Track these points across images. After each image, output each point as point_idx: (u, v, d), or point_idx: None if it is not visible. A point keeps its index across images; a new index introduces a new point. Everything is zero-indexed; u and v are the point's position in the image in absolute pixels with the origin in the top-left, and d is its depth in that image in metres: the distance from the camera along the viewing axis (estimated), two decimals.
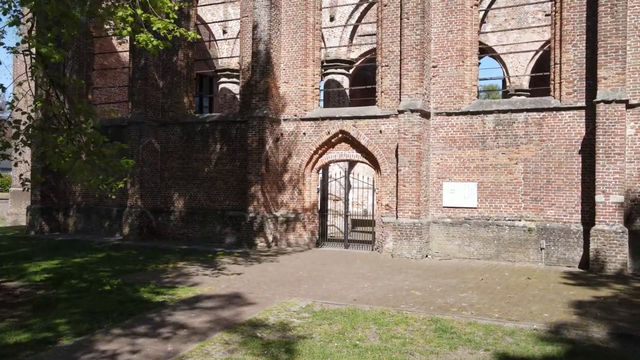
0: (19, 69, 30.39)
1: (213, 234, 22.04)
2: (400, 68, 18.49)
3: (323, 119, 20.37)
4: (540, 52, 31.63)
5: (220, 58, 28.97)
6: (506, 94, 33.40)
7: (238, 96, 26.06)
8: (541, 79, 28.50)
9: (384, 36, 19.40)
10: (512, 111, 17.63)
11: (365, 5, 26.06)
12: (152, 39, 10.74)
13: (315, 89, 21.06)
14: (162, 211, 23.17)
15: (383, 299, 11.69)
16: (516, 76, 32.37)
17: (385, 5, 19.40)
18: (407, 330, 9.34)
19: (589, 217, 16.30)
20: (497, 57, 33.40)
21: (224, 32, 28.76)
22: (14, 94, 10.70)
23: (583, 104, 16.62)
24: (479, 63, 19.84)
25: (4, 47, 10.51)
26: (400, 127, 18.07)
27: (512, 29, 29.51)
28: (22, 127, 11.07)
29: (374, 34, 27.04)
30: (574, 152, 16.74)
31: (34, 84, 16.76)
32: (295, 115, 20.93)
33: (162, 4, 10.73)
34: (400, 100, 18.45)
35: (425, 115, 18.23)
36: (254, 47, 20.87)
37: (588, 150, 16.40)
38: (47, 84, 10.98)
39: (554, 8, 17.48)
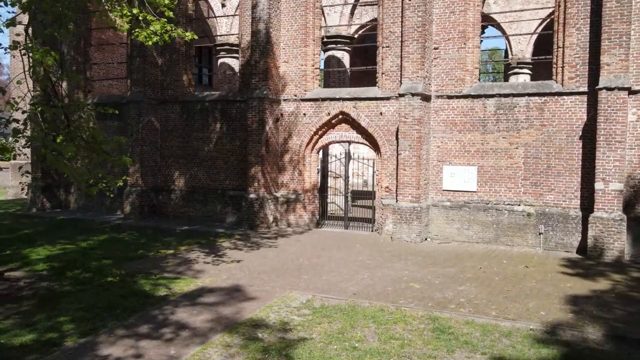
0: (15, 67, 29.83)
1: (214, 213, 22.15)
2: (401, 50, 18.29)
3: (323, 99, 20.25)
4: (544, 24, 31.27)
5: (220, 36, 28.60)
6: (508, 66, 33.10)
7: (237, 72, 25.85)
8: (544, 51, 28.25)
9: (385, 16, 19.13)
10: (514, 95, 17.52)
11: None
12: (151, 35, 10.62)
13: (316, 68, 20.88)
14: (162, 190, 23.24)
15: (382, 293, 11.84)
16: (519, 56, 32.02)
17: None
18: (406, 329, 9.50)
19: (588, 203, 16.36)
20: (499, 28, 32.99)
21: (223, 5, 28.34)
22: (12, 100, 10.63)
23: (585, 89, 16.50)
24: (481, 41, 19.61)
25: (2, 47, 10.40)
26: (401, 111, 17.98)
27: None
28: (21, 125, 11.08)
29: (375, 4, 26.65)
30: (575, 137, 16.70)
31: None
32: (296, 96, 20.80)
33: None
34: (401, 82, 18.31)
35: (426, 98, 18.12)
36: (253, 26, 20.60)
37: (589, 136, 16.36)
38: (45, 82, 10.89)
39: None
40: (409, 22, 18.00)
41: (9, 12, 11.66)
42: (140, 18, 10.29)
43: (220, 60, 28.97)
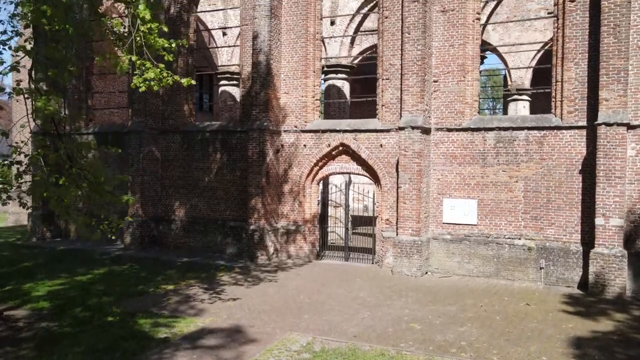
0: (17, 110, 29.92)
1: (214, 243, 22.12)
2: (401, 83, 18.40)
3: (324, 131, 20.33)
4: (543, 50, 31.52)
5: (221, 66, 28.80)
6: (508, 93, 33.28)
7: (238, 99, 26.00)
8: (543, 77, 28.42)
9: (385, 49, 19.28)
10: (513, 129, 17.60)
11: (366, 9, 25.92)
12: (148, 82, 10.69)
13: (316, 100, 21.00)
14: (163, 220, 23.23)
15: (383, 335, 11.78)
16: (519, 79, 32.24)
17: (386, 17, 19.25)
18: None
19: (588, 237, 16.35)
20: (498, 54, 33.24)
21: (224, 34, 28.57)
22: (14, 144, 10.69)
23: (584, 123, 16.57)
24: (481, 71, 19.73)
25: (5, 92, 10.52)
26: (401, 144, 18.04)
27: (514, 19, 29.22)
28: (24, 166, 11.14)
29: (375, 30, 26.81)
30: (575, 171, 16.74)
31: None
32: (296, 127, 20.89)
33: (155, 42, 10.68)
34: (401, 115, 18.40)
35: (426, 131, 18.19)
36: (254, 57, 20.76)
37: (588, 170, 16.40)
38: (48, 125, 10.95)
39: (556, 24, 17.34)
40: (408, 55, 18.14)
41: (12, 55, 11.76)
42: (137, 64, 10.36)
43: (221, 89, 29.14)
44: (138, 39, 10.66)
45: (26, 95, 10.04)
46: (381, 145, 19.30)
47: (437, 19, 18.51)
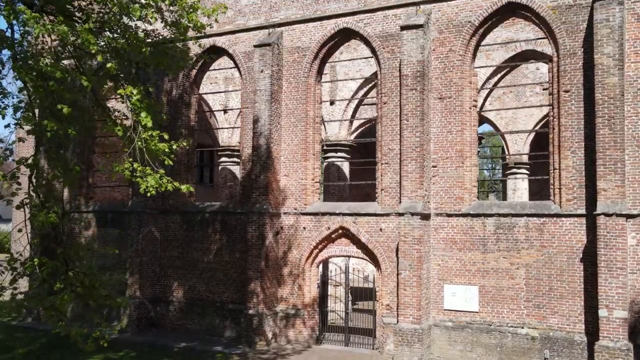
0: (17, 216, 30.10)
1: (212, 326, 21.76)
2: (400, 168, 18.54)
3: (323, 214, 20.35)
4: (540, 125, 31.92)
5: (222, 146, 29.13)
6: (506, 167, 33.52)
7: (239, 175, 26.15)
8: (542, 150, 28.63)
9: (384, 133, 19.52)
10: (513, 215, 17.61)
11: (366, 89, 26.42)
12: (149, 187, 10.81)
13: (316, 182, 21.12)
14: (161, 300, 22.94)
15: None
16: (517, 154, 32.52)
17: (384, 103, 19.58)
18: None
19: (592, 327, 16.09)
20: (495, 127, 33.66)
21: (225, 112, 29.04)
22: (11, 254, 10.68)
23: (583, 211, 16.60)
24: (479, 151, 19.89)
25: (4, 199, 10.60)
26: (401, 230, 18.02)
27: (511, 88, 29.71)
28: (20, 269, 11.09)
29: (374, 104, 27.16)
30: (576, 259, 16.64)
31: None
32: (296, 209, 20.92)
33: (155, 148, 10.89)
34: (400, 200, 18.44)
35: (426, 217, 18.20)
36: (254, 140, 21.01)
37: (590, 259, 16.30)
38: (45, 229, 10.99)
39: (552, 113, 17.64)
40: (407, 142, 18.35)
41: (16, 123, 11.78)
42: (138, 170, 10.52)
43: (221, 165, 29.37)
44: (140, 143, 10.85)
45: (26, 202, 10.11)
46: (381, 230, 19.27)
47: (434, 105, 18.83)
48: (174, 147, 11.45)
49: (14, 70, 9.26)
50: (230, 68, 24.29)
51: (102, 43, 10.92)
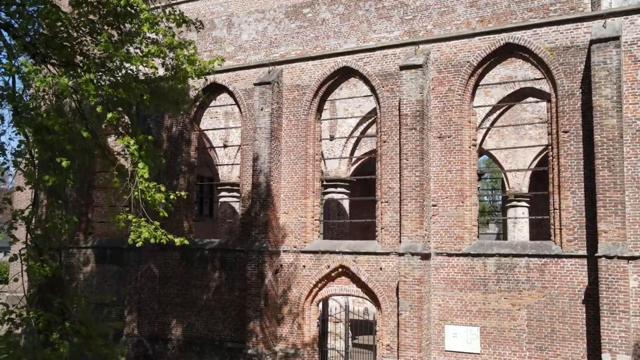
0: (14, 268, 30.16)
1: None
2: (400, 208, 18.50)
3: (323, 252, 20.25)
4: (539, 158, 31.97)
5: (221, 182, 29.17)
6: (506, 199, 33.49)
7: (238, 210, 26.12)
8: (541, 183, 28.58)
9: (384, 172, 19.52)
10: (514, 255, 17.53)
11: (365, 125, 26.54)
12: (139, 239, 10.85)
13: (315, 220, 21.06)
14: (159, 338, 22.71)
15: None
16: (516, 186, 32.55)
17: (384, 142, 19.63)
18: None
19: None
20: (495, 160, 33.72)
21: (225, 146, 29.11)
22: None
23: (585, 252, 16.51)
24: (480, 176, 19.87)
25: (2, 250, 10.55)
26: (401, 270, 17.91)
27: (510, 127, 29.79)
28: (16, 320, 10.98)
29: (374, 135, 27.26)
30: (578, 301, 16.51)
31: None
32: (295, 247, 20.83)
33: (152, 199, 10.91)
34: (400, 240, 18.37)
35: (426, 257, 18.11)
36: (254, 178, 21.01)
37: (592, 300, 16.17)
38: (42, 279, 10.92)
39: (551, 153, 17.66)
40: (406, 181, 18.35)
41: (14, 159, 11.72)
42: (132, 222, 10.52)
43: (221, 200, 29.36)
44: (136, 194, 10.84)
45: (23, 253, 10.06)
46: (381, 269, 19.15)
47: (434, 144, 18.87)
48: (171, 197, 11.44)
49: (15, 125, 9.29)
50: (231, 105, 24.39)
51: (102, 92, 10.97)
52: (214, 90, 23.28)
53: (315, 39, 21.46)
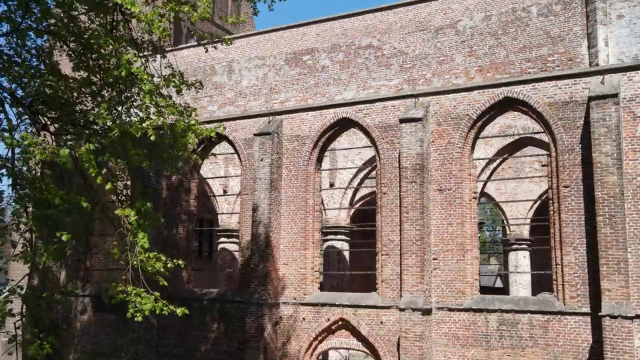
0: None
1: None
2: (401, 262, 18.35)
3: (323, 304, 20.04)
4: (539, 202, 31.90)
5: (221, 228, 29.08)
6: (507, 243, 33.32)
7: (237, 256, 25.96)
8: (542, 227, 28.45)
9: (384, 224, 19.43)
10: (516, 311, 17.32)
11: (365, 172, 26.55)
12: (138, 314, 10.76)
13: (315, 271, 20.90)
14: None
15: None
16: (516, 225, 32.43)
17: (384, 194, 19.58)
18: None
19: None
20: (495, 204, 33.67)
21: (225, 192, 29.09)
22: None
23: (588, 310, 16.30)
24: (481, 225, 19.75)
25: (2, 332, 10.45)
26: (402, 325, 17.69)
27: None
28: None
29: (374, 177, 27.21)
30: None
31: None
32: (295, 299, 20.61)
33: (152, 268, 10.85)
34: (401, 294, 18.17)
35: (427, 312, 17.88)
36: (253, 228, 20.90)
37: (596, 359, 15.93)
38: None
39: (552, 207, 17.60)
40: (407, 235, 18.25)
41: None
42: (132, 293, 10.42)
43: (220, 246, 29.21)
44: (135, 263, 10.75)
45: (18, 329, 9.93)
46: (382, 322, 18.91)
47: (434, 197, 18.81)
48: (169, 265, 11.36)
49: (15, 202, 9.24)
50: (231, 154, 24.40)
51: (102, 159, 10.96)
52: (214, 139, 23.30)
53: (315, 85, 21.60)
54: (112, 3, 9.99)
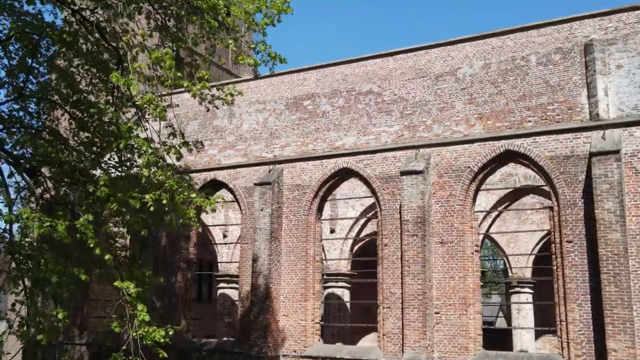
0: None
1: None
2: (403, 317, 18.10)
3: (324, 358, 19.69)
4: (541, 243, 31.66)
5: (221, 274, 28.86)
6: (509, 285, 32.98)
7: (237, 303, 25.64)
8: (545, 268, 28.13)
9: (385, 276, 19.21)
10: None
11: (365, 219, 26.41)
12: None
13: (316, 323, 20.60)
14: None
15: None
16: (518, 268, 32.15)
17: (385, 245, 19.41)
18: None
19: None
20: (496, 244, 33.42)
21: (225, 236, 28.92)
22: None
23: None
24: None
25: None
26: None
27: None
28: None
29: (376, 218, 26.98)
30: None
31: None
32: (295, 352, 20.28)
33: (150, 338, 10.69)
34: (403, 350, 17.88)
35: None
36: (253, 279, 20.68)
37: None
38: None
39: (555, 263, 17.42)
40: (409, 288, 18.04)
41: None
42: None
43: (219, 291, 28.92)
44: (134, 335, 10.58)
45: None
46: None
47: (436, 250, 18.64)
48: (170, 333, 11.16)
49: (11, 281, 9.11)
50: (231, 202, 24.27)
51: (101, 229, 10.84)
52: (215, 186, 23.24)
53: (316, 131, 21.56)
54: (111, 84, 9.98)
